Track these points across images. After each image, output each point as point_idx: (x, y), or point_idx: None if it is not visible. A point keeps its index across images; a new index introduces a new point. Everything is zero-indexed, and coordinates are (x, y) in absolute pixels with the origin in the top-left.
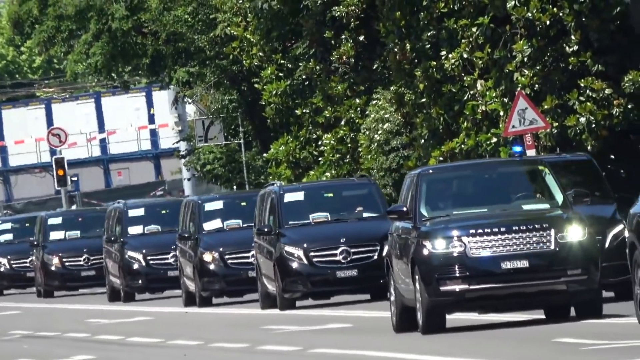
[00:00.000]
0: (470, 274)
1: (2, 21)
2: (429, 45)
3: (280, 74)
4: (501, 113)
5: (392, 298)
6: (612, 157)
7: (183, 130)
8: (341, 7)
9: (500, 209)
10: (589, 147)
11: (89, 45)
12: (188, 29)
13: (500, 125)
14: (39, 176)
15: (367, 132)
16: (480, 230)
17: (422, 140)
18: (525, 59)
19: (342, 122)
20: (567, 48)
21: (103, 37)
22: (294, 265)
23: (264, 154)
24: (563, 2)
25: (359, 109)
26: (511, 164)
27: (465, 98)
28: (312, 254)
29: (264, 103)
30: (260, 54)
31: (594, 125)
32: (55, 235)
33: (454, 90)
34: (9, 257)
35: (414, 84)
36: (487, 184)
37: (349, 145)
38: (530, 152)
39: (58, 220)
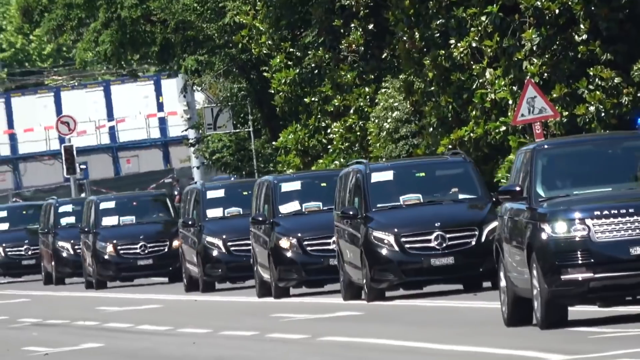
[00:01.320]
0: (595, 261)
1: (12, 9)
2: (438, 34)
3: (290, 63)
4: (510, 102)
5: (503, 287)
6: None
7: (192, 118)
8: None
9: (627, 187)
10: None
11: (98, 33)
12: (197, 17)
13: (509, 114)
14: (48, 164)
15: (376, 121)
16: (605, 212)
17: (431, 129)
18: (534, 48)
19: (351, 111)
20: (576, 37)
21: (112, 25)
22: (384, 252)
23: (273, 142)
24: None
25: (368, 97)
26: (638, 137)
27: (474, 86)
28: (403, 239)
29: (273, 91)
30: (269, 42)
31: (603, 114)
32: (108, 220)
33: (463, 78)
34: (72, 241)
35: (423, 72)
36: (612, 160)
37: (358, 133)
38: (539, 141)
39: (111, 205)
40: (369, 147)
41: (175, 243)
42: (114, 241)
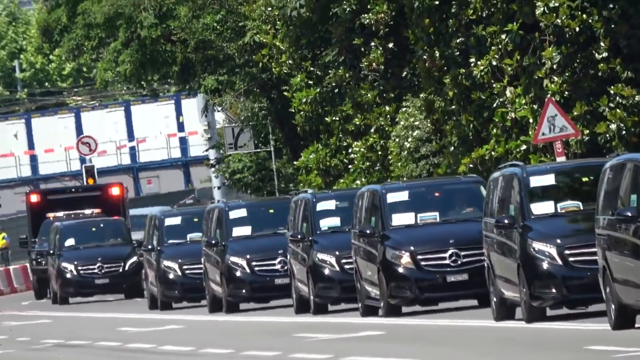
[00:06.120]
0: None
1: (32, 29)
2: (458, 53)
3: (310, 82)
4: (531, 120)
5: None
6: None
7: (212, 138)
8: (370, 14)
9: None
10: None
11: (118, 53)
12: (217, 36)
13: (530, 133)
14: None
15: (397, 140)
16: None
17: (452, 148)
18: (555, 66)
19: (372, 130)
20: (596, 55)
21: (132, 45)
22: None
23: (294, 162)
24: (592, 8)
25: (388, 116)
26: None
27: (494, 105)
28: None
29: (293, 111)
30: (290, 61)
31: (624, 132)
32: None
33: (483, 97)
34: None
35: (443, 91)
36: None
37: (379, 152)
38: (560, 159)
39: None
40: (390, 167)
41: None
42: (411, 248)
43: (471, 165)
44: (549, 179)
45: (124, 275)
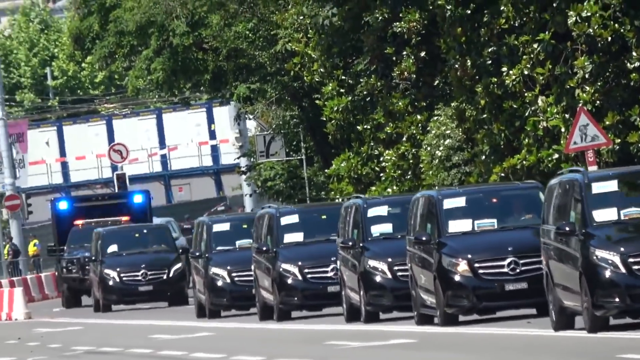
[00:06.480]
0: None
1: (64, 37)
2: (490, 62)
3: (342, 90)
4: (562, 129)
5: None
6: None
7: (244, 146)
8: (402, 23)
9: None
10: None
11: (150, 61)
12: (249, 45)
13: (562, 142)
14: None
15: (429, 148)
16: None
17: (484, 156)
18: (587, 75)
19: (404, 138)
20: (628, 64)
21: (164, 53)
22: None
23: (326, 170)
24: (624, 18)
25: (420, 125)
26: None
27: (526, 114)
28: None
29: (325, 119)
30: (321, 70)
31: None
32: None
33: (515, 106)
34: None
35: (475, 100)
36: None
37: (411, 161)
38: (592, 169)
39: (459, 203)
40: (421, 175)
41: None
42: (469, 256)
43: (502, 175)
44: (611, 185)
45: (168, 282)
